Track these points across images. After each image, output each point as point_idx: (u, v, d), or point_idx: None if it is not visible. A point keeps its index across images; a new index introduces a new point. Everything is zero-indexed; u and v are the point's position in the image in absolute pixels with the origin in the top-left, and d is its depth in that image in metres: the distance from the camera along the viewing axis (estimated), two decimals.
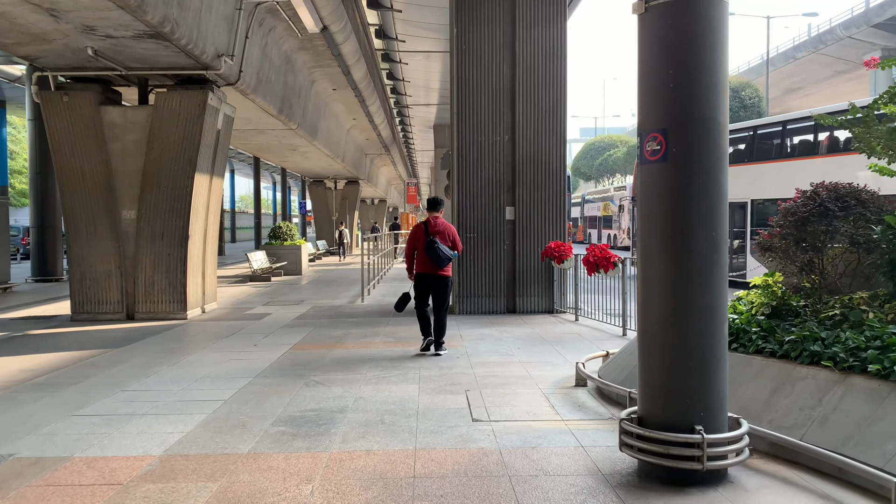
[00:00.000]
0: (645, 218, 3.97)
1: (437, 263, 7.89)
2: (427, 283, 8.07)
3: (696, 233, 3.80)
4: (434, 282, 8.05)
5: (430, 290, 8.13)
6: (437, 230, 7.95)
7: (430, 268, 7.97)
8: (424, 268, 8.01)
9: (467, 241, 11.79)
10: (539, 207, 11.81)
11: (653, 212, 3.91)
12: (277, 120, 17.47)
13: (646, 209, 3.96)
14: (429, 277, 8.04)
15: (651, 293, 3.97)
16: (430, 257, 7.84)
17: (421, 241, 7.95)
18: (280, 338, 9.50)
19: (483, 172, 11.78)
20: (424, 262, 7.97)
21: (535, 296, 11.82)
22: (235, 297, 15.21)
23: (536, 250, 11.79)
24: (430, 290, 8.12)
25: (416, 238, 8.04)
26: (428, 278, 8.04)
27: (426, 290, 8.13)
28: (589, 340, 9.00)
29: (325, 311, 12.57)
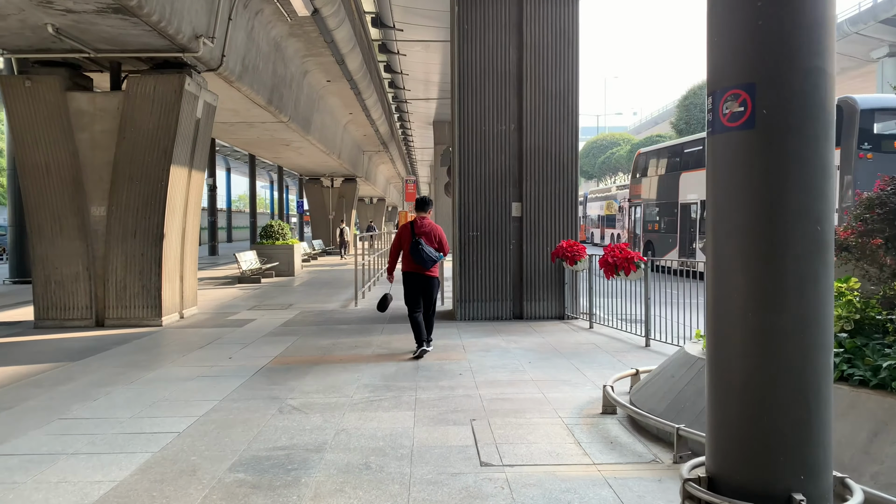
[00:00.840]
0: (719, 208, 2.92)
1: (423, 264, 7.80)
2: (415, 283, 7.94)
3: (794, 227, 2.75)
4: (422, 281, 7.93)
5: (418, 290, 7.96)
6: (423, 231, 7.87)
7: (417, 267, 7.86)
8: (411, 267, 7.90)
9: (470, 241, 10.74)
10: (548, 203, 10.76)
11: (732, 199, 2.85)
12: (267, 112, 16.42)
13: (720, 196, 2.91)
14: (416, 277, 7.92)
15: (727, 310, 2.91)
16: (414, 258, 7.76)
17: (407, 241, 7.87)
18: (260, 349, 8.46)
19: (487, 165, 10.74)
20: (410, 261, 7.86)
21: (544, 300, 10.77)
22: (220, 300, 14.16)
23: (546, 250, 10.74)
24: (418, 289, 7.96)
25: (403, 238, 7.95)
26: (415, 277, 7.92)
27: (415, 290, 7.96)
28: (608, 352, 7.95)
29: (314, 316, 11.52)
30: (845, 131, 13.96)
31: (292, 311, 12.18)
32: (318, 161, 28.65)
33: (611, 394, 5.18)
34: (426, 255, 7.72)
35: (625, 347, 8.29)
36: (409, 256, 7.81)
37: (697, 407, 4.41)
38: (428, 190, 74.52)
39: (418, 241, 7.76)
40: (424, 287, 7.96)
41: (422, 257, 7.71)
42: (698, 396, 4.47)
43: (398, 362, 7.49)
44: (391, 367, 7.25)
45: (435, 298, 8.16)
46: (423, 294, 7.98)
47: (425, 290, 7.98)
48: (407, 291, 7.99)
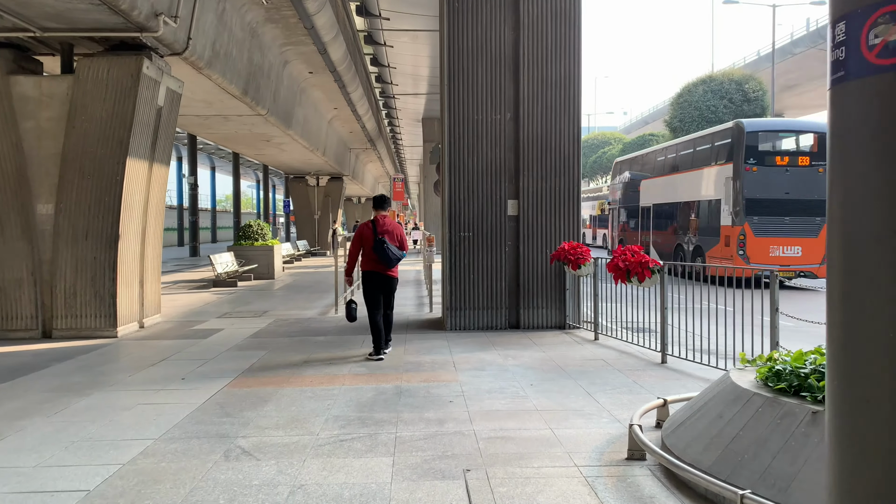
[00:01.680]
0: (856, 200, 1.86)
1: (387, 264, 7.60)
2: (378, 283, 7.71)
3: None
4: (385, 282, 7.74)
5: (381, 291, 7.76)
6: (385, 229, 7.67)
7: (381, 267, 7.65)
8: (373, 267, 7.67)
9: (461, 242, 9.68)
10: (548, 201, 9.72)
11: (886, 184, 1.79)
12: (242, 103, 15.28)
13: (857, 182, 1.86)
14: (379, 277, 7.70)
15: (867, 332, 1.86)
16: (378, 257, 7.53)
17: (369, 240, 7.61)
18: (220, 367, 7.36)
19: (480, 158, 9.68)
20: (373, 261, 7.63)
21: (542, 308, 9.73)
22: (190, 306, 13.02)
23: (545, 252, 9.70)
24: (381, 290, 7.76)
25: (364, 237, 7.67)
26: (379, 278, 7.70)
27: (378, 291, 7.74)
28: (620, 371, 6.91)
29: (288, 325, 10.43)
30: (736, 149, 17.01)
31: (265, 320, 11.07)
32: (302, 158, 27.51)
33: (640, 436, 4.13)
34: (392, 254, 7.52)
35: (638, 364, 7.25)
36: (373, 256, 7.58)
37: (761, 462, 3.37)
38: (417, 189, 73.46)
39: (382, 239, 7.52)
40: (388, 287, 7.79)
41: (388, 256, 7.50)
42: (761, 448, 3.43)
43: (378, 384, 6.41)
44: (369, 391, 6.18)
45: (393, 299, 8.02)
46: (384, 293, 7.80)
47: (388, 290, 7.81)
48: (369, 293, 7.72)
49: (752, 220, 16.61)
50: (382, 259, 7.52)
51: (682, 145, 21.26)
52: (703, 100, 38.51)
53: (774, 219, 16.64)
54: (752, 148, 16.87)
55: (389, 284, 7.79)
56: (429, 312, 11.74)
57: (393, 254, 7.54)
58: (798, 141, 18.04)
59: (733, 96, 37.98)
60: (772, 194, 16.65)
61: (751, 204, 16.61)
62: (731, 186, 16.93)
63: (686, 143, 20.97)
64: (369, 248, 7.60)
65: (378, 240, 7.52)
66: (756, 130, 17.41)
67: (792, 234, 16.61)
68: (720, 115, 36.11)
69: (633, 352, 7.97)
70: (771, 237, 16.59)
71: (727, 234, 17.10)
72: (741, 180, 16.69)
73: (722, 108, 37.61)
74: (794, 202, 16.65)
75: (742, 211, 16.63)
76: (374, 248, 7.52)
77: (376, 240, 7.53)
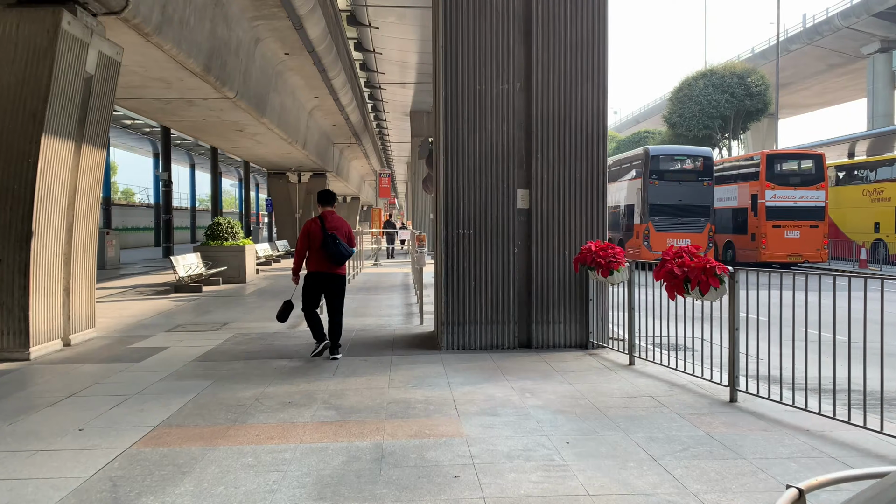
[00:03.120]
0: None
1: (337, 261, 7.38)
2: (321, 283, 7.48)
3: None
4: (330, 281, 7.49)
5: (323, 291, 7.55)
6: (333, 226, 7.45)
7: (327, 266, 7.41)
8: (319, 266, 7.41)
9: (459, 241, 7.84)
10: (567, 190, 7.90)
11: None
12: (206, 83, 13.37)
13: None
14: (324, 276, 7.45)
15: None
16: (328, 255, 7.29)
17: (317, 237, 7.33)
18: (142, 405, 5.49)
19: (483, 138, 7.84)
20: (320, 260, 7.38)
21: (560, 322, 7.90)
22: (138, 317, 11.09)
23: (563, 254, 7.89)
24: (323, 290, 7.54)
25: (312, 234, 7.38)
26: (323, 277, 7.45)
27: (319, 290, 7.53)
28: (681, 415, 5.10)
29: (248, 343, 8.54)
30: (644, 168, 23.28)
31: (223, 335, 9.17)
32: (281, 152, 25.57)
33: None
34: (345, 249, 7.32)
35: (700, 404, 5.44)
36: (321, 254, 7.32)
37: None
38: (405, 188, 71.52)
39: (333, 235, 7.28)
40: (335, 287, 7.52)
41: (339, 253, 7.28)
42: None
43: (350, 441, 4.55)
44: (337, 454, 4.31)
45: (342, 302, 7.66)
46: (332, 294, 7.53)
47: (336, 289, 7.54)
48: (310, 292, 7.48)
49: (654, 219, 22.81)
50: (332, 256, 7.27)
51: (615, 162, 26.49)
52: (704, 94, 36.93)
53: (670, 219, 22.78)
54: (654, 167, 23.16)
55: (337, 282, 7.51)
56: (419, 325, 9.90)
57: (343, 250, 7.30)
58: (688, 162, 23.97)
59: (735, 90, 36.42)
60: (669, 201, 22.87)
61: (653, 208, 22.78)
62: (640, 195, 23.16)
63: (617, 161, 26.47)
64: (318, 246, 7.31)
65: (329, 235, 7.26)
66: (658, 154, 23.98)
67: (683, 230, 22.72)
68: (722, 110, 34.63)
69: (683, 383, 6.16)
70: (668, 232, 22.52)
71: (637, 230, 23.16)
72: (646, 191, 22.96)
73: (724, 102, 36.07)
74: (685, 207, 22.94)
75: (647, 213, 22.83)
76: (323, 245, 7.26)
77: (326, 236, 7.26)
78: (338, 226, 7.46)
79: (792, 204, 24.17)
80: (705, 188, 23.35)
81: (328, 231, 7.30)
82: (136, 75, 12.72)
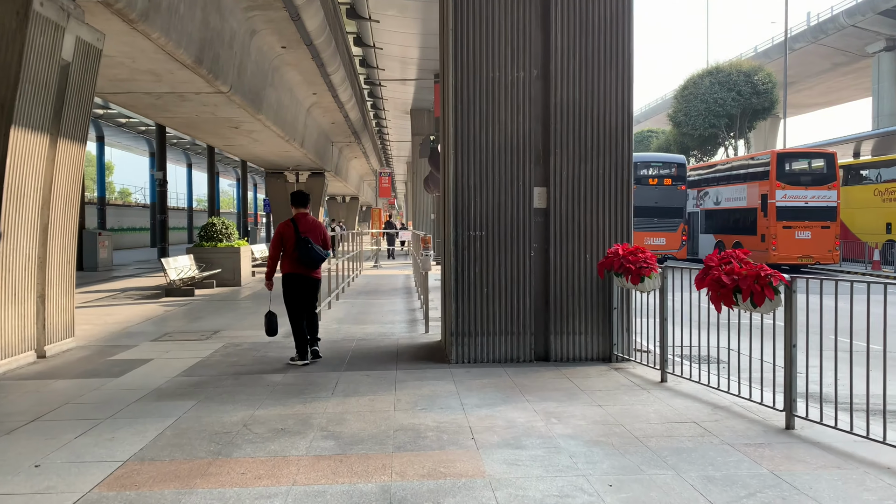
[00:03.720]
0: None
1: (312, 265, 7.22)
2: (301, 286, 7.27)
3: None
4: (309, 284, 7.34)
5: (303, 294, 7.31)
6: (308, 228, 7.25)
7: (303, 269, 7.22)
8: (295, 269, 7.20)
9: (470, 244, 7.14)
10: (588, 189, 7.21)
11: None
12: (197, 76, 12.65)
13: None
14: (301, 279, 7.26)
15: None
16: (302, 258, 7.11)
17: (291, 240, 7.14)
18: (113, 433, 4.79)
19: (497, 131, 7.15)
20: (295, 263, 7.18)
21: (581, 333, 7.20)
22: (125, 323, 10.39)
23: (585, 258, 7.19)
24: (303, 293, 7.31)
25: (285, 237, 7.19)
26: (300, 280, 7.26)
27: (299, 294, 7.28)
28: (733, 446, 4.40)
29: (240, 354, 7.83)
30: None
31: (213, 344, 8.47)
32: (279, 151, 24.84)
33: None
34: (317, 254, 7.12)
35: (753, 432, 4.74)
36: (295, 257, 7.13)
37: None
38: (405, 189, 70.80)
39: (307, 239, 7.09)
40: (311, 290, 7.37)
41: (311, 257, 7.10)
42: None
43: (352, 482, 3.85)
44: (337, 494, 3.62)
45: (317, 299, 7.59)
46: (307, 296, 7.33)
47: (311, 293, 7.39)
48: (291, 297, 7.24)
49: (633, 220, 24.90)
50: (306, 260, 7.09)
51: None
52: (710, 92, 36.23)
53: (647, 219, 24.46)
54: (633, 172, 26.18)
55: (314, 287, 7.39)
56: (424, 333, 9.20)
57: (318, 254, 7.13)
58: (664, 168, 26.00)
59: (742, 88, 35.70)
60: (647, 203, 24.45)
61: None
62: None
63: None
64: (291, 249, 7.11)
65: (302, 239, 7.06)
66: (636, 161, 25.02)
67: (659, 229, 25.00)
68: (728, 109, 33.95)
69: (726, 405, 5.46)
70: (645, 231, 24.28)
71: None
72: None
73: (730, 100, 35.36)
74: (661, 209, 24.98)
75: None
76: (296, 248, 7.06)
77: (299, 239, 7.07)
78: (311, 228, 7.26)
79: (803, 204, 23.52)
80: (679, 192, 25.96)
81: (302, 234, 7.11)
82: (124, 67, 12.01)
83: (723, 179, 27.33)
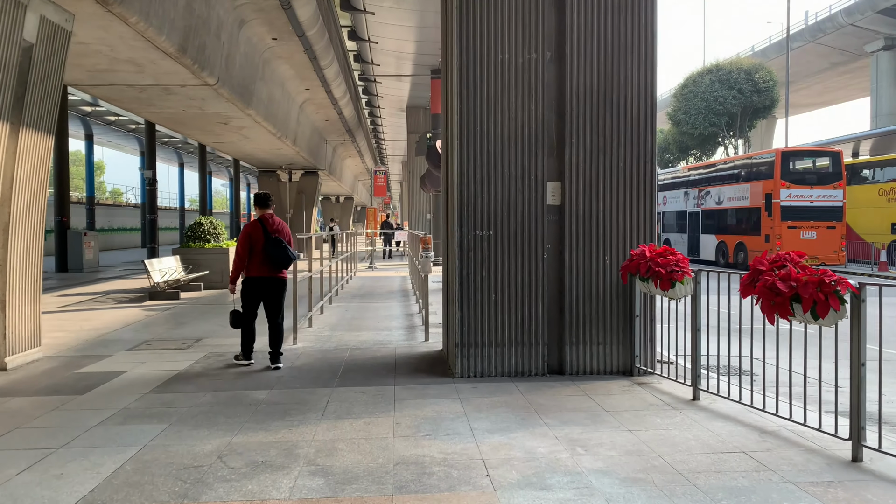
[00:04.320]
0: None
1: (282, 265, 6.99)
2: (263, 289, 7.00)
3: None
4: (272, 286, 7.05)
5: (263, 297, 7.06)
6: (276, 228, 7.01)
7: (270, 271, 6.98)
8: (262, 271, 6.95)
9: (477, 244, 6.43)
10: (607, 183, 6.51)
11: None
12: (182, 66, 11.91)
13: None
14: (267, 281, 7.01)
15: None
16: (272, 259, 6.85)
17: (260, 240, 6.88)
18: (63, 467, 4.06)
19: (506, 119, 6.44)
20: (263, 264, 6.91)
21: (598, 343, 6.50)
22: (101, 330, 9.64)
23: (603, 260, 6.49)
24: (264, 296, 7.05)
25: (254, 238, 6.92)
26: (265, 283, 7.01)
27: (259, 297, 7.06)
28: (795, 484, 3.71)
29: (221, 367, 7.10)
30: None
31: (193, 354, 7.74)
32: (271, 148, 24.10)
33: None
34: (290, 254, 7.00)
35: (816, 466, 4.04)
36: (265, 259, 6.93)
37: None
38: (400, 189, 70.02)
39: (278, 239, 6.93)
40: (277, 292, 7.11)
41: (285, 256, 6.95)
42: None
43: None
44: None
45: (282, 304, 7.22)
46: (272, 298, 7.09)
47: (277, 293, 7.12)
48: (253, 301, 7.06)
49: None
50: (276, 260, 6.91)
51: None
52: (710, 90, 35.63)
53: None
54: None
55: (279, 287, 7.12)
56: (423, 342, 8.49)
57: (291, 253, 6.99)
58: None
59: (742, 86, 35.10)
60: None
61: None
62: None
63: None
64: (260, 249, 6.92)
65: (273, 239, 6.90)
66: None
67: None
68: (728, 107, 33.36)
69: (774, 429, 4.76)
70: None
71: None
72: None
73: (731, 98, 34.76)
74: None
75: None
76: (266, 247, 6.88)
77: (270, 239, 6.89)
78: (280, 229, 7.10)
79: (808, 204, 22.92)
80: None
81: (272, 234, 6.94)
82: (102, 56, 11.26)
83: (725, 178, 26.70)
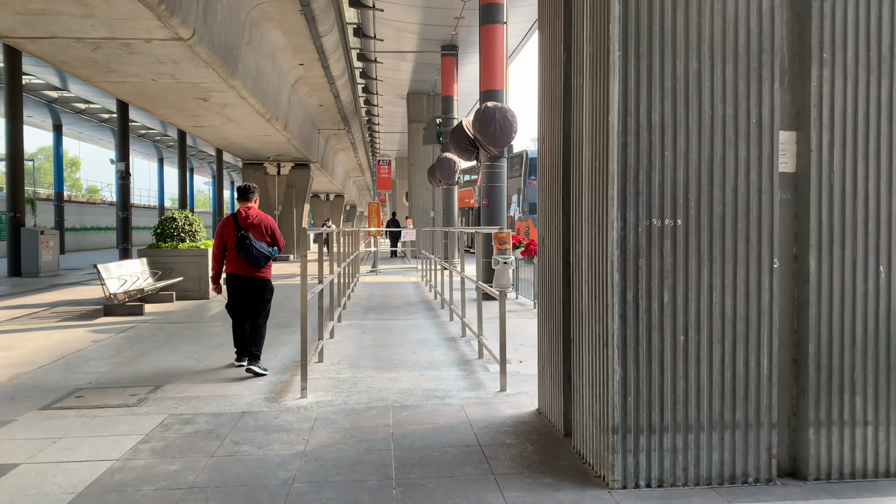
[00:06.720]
0: None
1: (254, 263, 6.31)
2: (243, 287, 6.43)
3: None
4: (250, 285, 6.43)
5: (246, 296, 6.44)
6: (250, 223, 6.42)
7: (245, 269, 6.38)
8: (236, 268, 6.41)
9: (651, 241, 3.53)
10: (891, 133, 3.65)
11: None
12: (149, 10, 8.92)
13: None
14: (242, 280, 6.41)
15: None
16: (242, 256, 6.29)
17: (231, 236, 6.38)
18: None
19: (705, 16, 3.55)
20: (236, 261, 6.40)
21: (866, 424, 3.62)
22: (24, 365, 6.66)
23: (879, 275, 3.62)
24: (246, 295, 6.44)
25: (225, 234, 6.44)
26: (241, 281, 6.41)
27: (242, 296, 6.45)
28: None
29: (185, 451, 4.14)
30: (524, 168, 24.46)
31: (144, 421, 4.77)
32: (258, 134, 21.06)
33: None
34: (257, 251, 6.25)
35: None
36: (236, 255, 6.33)
37: None
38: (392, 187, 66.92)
39: (246, 234, 6.27)
40: (255, 292, 6.43)
41: (252, 255, 6.22)
42: None
43: None
44: None
45: (267, 304, 6.56)
46: (253, 301, 6.43)
47: (257, 295, 6.44)
48: (232, 299, 6.48)
49: (534, 216, 22.97)
50: (247, 258, 6.22)
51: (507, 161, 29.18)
52: None
53: None
54: (532, 168, 23.82)
55: (259, 288, 6.44)
56: (499, 391, 5.59)
57: (259, 251, 6.24)
58: None
59: None
60: None
61: (532, 206, 23.31)
62: (521, 194, 24.32)
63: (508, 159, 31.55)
64: (231, 246, 6.33)
65: (241, 235, 6.23)
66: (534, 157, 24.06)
67: None
68: None
69: None
70: None
71: (519, 227, 23.98)
72: (526, 190, 24.01)
73: None
74: None
75: (527, 211, 23.66)
76: (236, 245, 6.23)
77: (239, 236, 6.24)
78: (255, 223, 6.42)
79: None
80: None
81: (242, 230, 6.32)
82: None
83: None
